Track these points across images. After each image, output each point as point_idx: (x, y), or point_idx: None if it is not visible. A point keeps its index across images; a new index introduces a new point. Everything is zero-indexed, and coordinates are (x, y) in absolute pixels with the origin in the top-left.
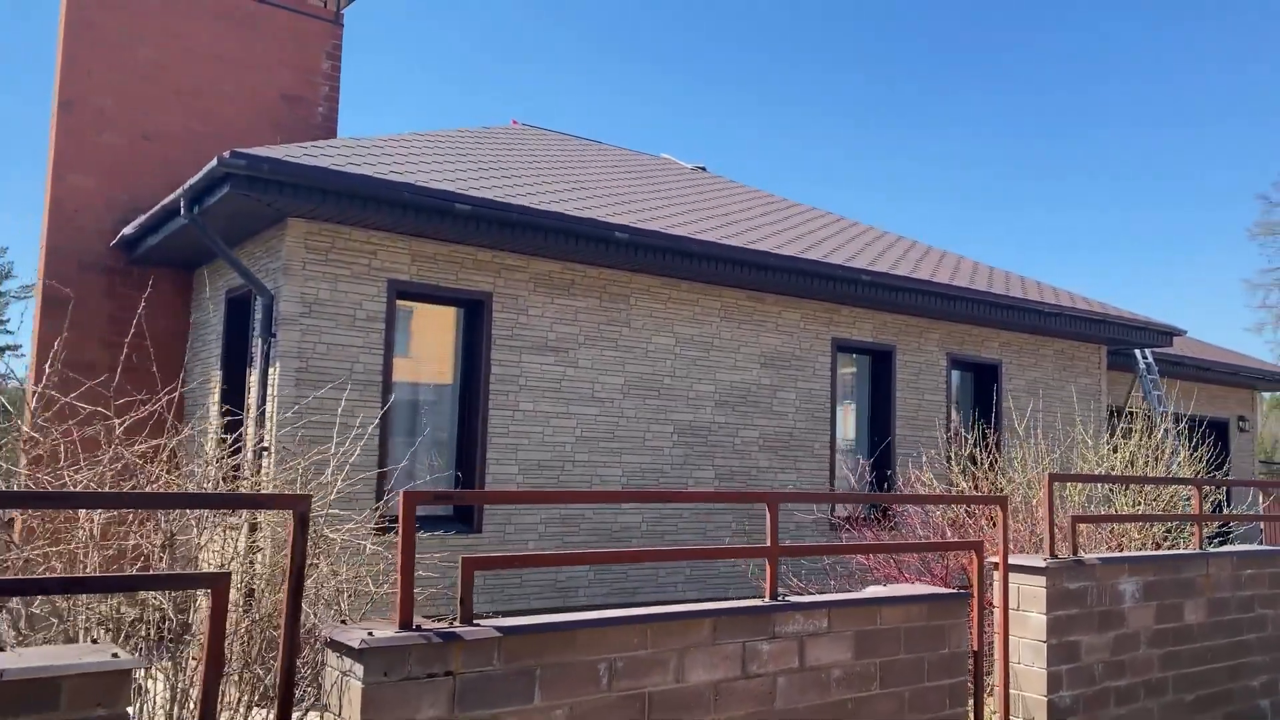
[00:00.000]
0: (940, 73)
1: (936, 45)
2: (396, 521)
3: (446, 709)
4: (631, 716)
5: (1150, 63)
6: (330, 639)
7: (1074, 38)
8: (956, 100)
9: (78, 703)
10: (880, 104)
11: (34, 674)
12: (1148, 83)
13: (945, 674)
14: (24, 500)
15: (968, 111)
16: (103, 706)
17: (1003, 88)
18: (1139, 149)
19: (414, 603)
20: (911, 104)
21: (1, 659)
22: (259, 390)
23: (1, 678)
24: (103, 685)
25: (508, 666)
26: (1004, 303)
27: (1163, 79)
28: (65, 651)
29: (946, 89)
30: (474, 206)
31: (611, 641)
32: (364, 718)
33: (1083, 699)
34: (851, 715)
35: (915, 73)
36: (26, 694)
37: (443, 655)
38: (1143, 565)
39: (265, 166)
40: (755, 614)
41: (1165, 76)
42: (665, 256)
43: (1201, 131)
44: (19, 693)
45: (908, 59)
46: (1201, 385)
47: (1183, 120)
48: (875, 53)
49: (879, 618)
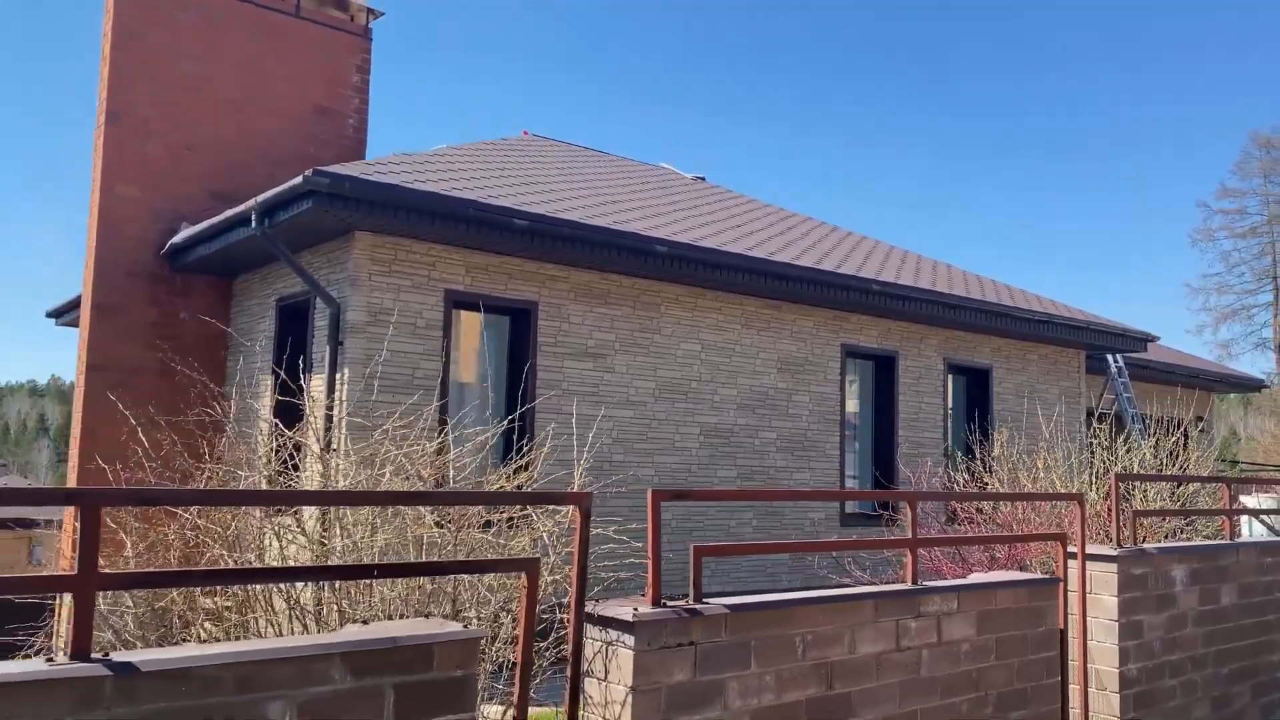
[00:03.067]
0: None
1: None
2: None
3: (689, 673)
4: (819, 682)
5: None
6: (598, 614)
7: (1004, 28)
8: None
9: (444, 665)
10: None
11: (417, 640)
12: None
13: (1043, 648)
14: (346, 499)
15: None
16: (461, 668)
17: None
18: (1087, 163)
19: (661, 583)
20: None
21: (376, 629)
22: (326, 394)
23: (397, 644)
24: (462, 651)
25: (732, 638)
26: (998, 310)
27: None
28: (422, 624)
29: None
30: (530, 222)
31: (804, 619)
32: (635, 680)
33: (1145, 671)
34: (975, 683)
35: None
36: (411, 658)
37: (687, 628)
38: (1189, 554)
39: (346, 184)
40: (905, 596)
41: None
42: (698, 268)
43: (1145, 143)
44: (407, 656)
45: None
46: (1162, 387)
47: (1127, 136)
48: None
49: (995, 599)
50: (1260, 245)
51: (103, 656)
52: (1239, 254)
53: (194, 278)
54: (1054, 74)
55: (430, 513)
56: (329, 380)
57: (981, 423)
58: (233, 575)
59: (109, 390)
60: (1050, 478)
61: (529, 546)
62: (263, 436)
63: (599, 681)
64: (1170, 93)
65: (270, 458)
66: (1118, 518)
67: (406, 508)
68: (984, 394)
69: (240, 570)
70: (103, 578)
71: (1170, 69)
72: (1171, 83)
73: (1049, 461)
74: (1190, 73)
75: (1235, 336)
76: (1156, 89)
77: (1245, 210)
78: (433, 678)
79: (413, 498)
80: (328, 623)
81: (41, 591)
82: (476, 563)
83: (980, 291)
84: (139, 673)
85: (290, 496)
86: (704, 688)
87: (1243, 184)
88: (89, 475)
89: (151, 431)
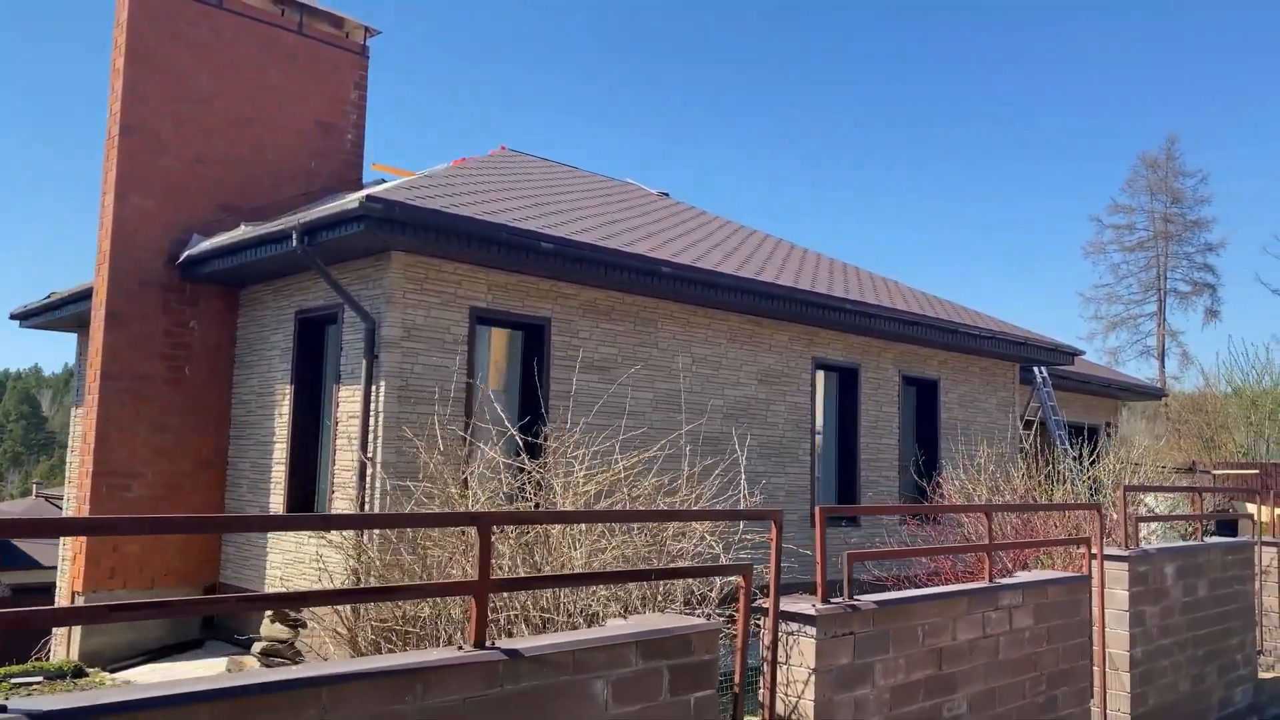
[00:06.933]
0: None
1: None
2: None
3: (850, 657)
4: (933, 664)
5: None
6: (782, 610)
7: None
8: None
9: (698, 650)
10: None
11: (682, 631)
12: None
13: (1079, 634)
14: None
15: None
16: (708, 652)
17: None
18: (981, 178)
19: (827, 584)
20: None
21: (636, 622)
22: (363, 405)
23: (671, 634)
24: (709, 639)
25: (876, 629)
26: (948, 327)
27: None
28: (675, 618)
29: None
30: (555, 245)
31: (922, 612)
32: (816, 662)
33: (1146, 653)
34: (1035, 664)
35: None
36: (677, 645)
37: (848, 620)
38: (1177, 554)
39: (396, 210)
40: (989, 592)
41: None
42: (697, 288)
43: (1041, 162)
44: (675, 644)
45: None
46: (1077, 395)
47: (1025, 150)
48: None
49: (1047, 594)
50: (1147, 259)
51: (492, 646)
52: (1127, 266)
53: (202, 287)
54: (960, 83)
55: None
56: (365, 392)
57: (930, 430)
58: (590, 578)
59: (122, 398)
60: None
61: (693, 548)
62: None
63: (781, 665)
64: (1064, 106)
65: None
66: (1125, 523)
67: None
68: (933, 403)
69: (590, 574)
70: (494, 583)
71: (1067, 83)
72: (1065, 97)
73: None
74: (1081, 88)
75: (1123, 344)
76: (1053, 101)
77: (1134, 226)
78: (690, 661)
79: (652, 515)
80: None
81: (446, 596)
82: (711, 567)
83: (932, 309)
84: (522, 657)
85: (602, 515)
86: (859, 670)
87: (1131, 200)
88: (102, 481)
89: (162, 437)
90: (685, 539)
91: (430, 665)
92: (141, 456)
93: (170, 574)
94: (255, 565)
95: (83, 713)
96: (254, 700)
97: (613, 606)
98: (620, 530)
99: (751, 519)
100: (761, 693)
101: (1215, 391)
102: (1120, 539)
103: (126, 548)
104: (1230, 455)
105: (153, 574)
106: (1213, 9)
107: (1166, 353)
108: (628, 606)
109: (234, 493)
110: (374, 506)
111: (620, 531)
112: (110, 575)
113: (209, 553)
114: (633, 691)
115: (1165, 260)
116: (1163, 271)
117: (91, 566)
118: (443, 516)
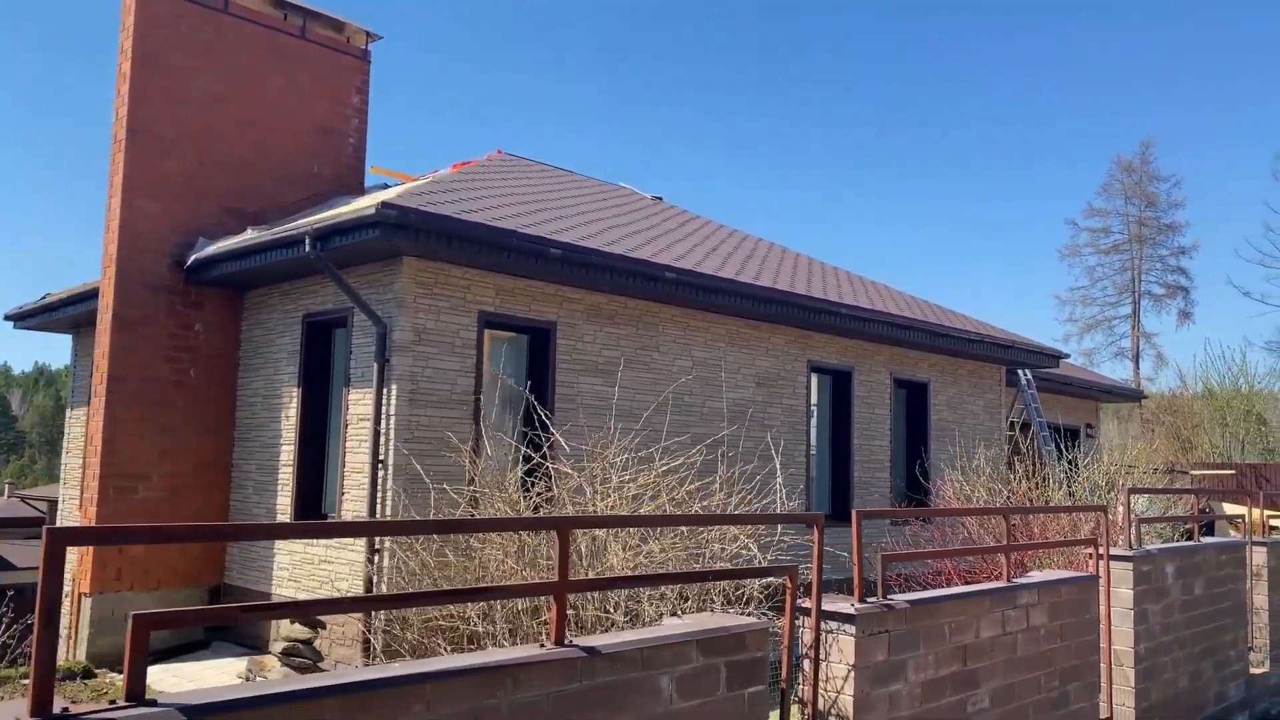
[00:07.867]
0: None
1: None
2: None
3: (885, 654)
4: (959, 660)
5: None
6: (822, 609)
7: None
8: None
9: (752, 648)
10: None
11: (737, 629)
12: None
13: (1090, 631)
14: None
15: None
16: (759, 650)
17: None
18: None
19: (862, 586)
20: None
21: (692, 621)
22: (375, 408)
23: (727, 632)
24: (760, 637)
25: (908, 627)
26: (938, 330)
27: None
28: (728, 617)
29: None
30: (564, 250)
31: (949, 611)
32: (855, 659)
33: (1149, 650)
34: (1049, 660)
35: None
36: (732, 643)
37: (883, 619)
38: (1177, 554)
39: (411, 216)
40: (1009, 591)
41: None
42: (698, 292)
43: (1020, 165)
44: (730, 642)
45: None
46: (1059, 397)
47: (1001, 156)
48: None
49: (1060, 593)
50: (1122, 261)
51: (570, 644)
52: (1103, 269)
53: (206, 290)
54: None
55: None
56: (376, 395)
57: (921, 431)
58: (659, 579)
59: (129, 400)
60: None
61: (734, 550)
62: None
63: (821, 662)
64: (1065, 106)
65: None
66: (1129, 524)
67: None
68: (923, 406)
69: (658, 575)
70: (573, 583)
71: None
72: (1065, 98)
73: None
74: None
75: (1098, 346)
76: (1026, 106)
77: (1109, 229)
78: (744, 658)
79: (713, 519)
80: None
81: (529, 596)
82: (760, 569)
83: (923, 313)
84: (599, 654)
85: (671, 519)
86: (894, 666)
87: (1107, 204)
88: (110, 483)
89: (168, 439)
90: (726, 541)
91: (520, 662)
92: (148, 458)
93: (175, 576)
94: (262, 567)
95: (228, 705)
96: (371, 695)
97: (653, 606)
98: (667, 534)
99: (797, 523)
100: (802, 688)
101: (1191, 393)
102: (1122, 539)
103: (132, 550)
104: (1205, 456)
105: (158, 576)
106: (1213, 9)
107: (1141, 354)
108: (675, 607)
109: (239, 494)
110: (386, 508)
111: (667, 535)
112: (117, 577)
113: (213, 554)
114: (693, 687)
115: (1140, 263)
116: (1137, 274)
117: (99, 569)
118: (525, 521)
